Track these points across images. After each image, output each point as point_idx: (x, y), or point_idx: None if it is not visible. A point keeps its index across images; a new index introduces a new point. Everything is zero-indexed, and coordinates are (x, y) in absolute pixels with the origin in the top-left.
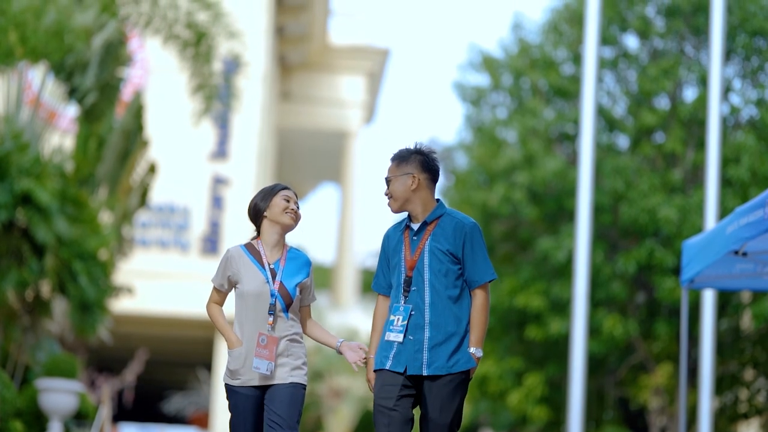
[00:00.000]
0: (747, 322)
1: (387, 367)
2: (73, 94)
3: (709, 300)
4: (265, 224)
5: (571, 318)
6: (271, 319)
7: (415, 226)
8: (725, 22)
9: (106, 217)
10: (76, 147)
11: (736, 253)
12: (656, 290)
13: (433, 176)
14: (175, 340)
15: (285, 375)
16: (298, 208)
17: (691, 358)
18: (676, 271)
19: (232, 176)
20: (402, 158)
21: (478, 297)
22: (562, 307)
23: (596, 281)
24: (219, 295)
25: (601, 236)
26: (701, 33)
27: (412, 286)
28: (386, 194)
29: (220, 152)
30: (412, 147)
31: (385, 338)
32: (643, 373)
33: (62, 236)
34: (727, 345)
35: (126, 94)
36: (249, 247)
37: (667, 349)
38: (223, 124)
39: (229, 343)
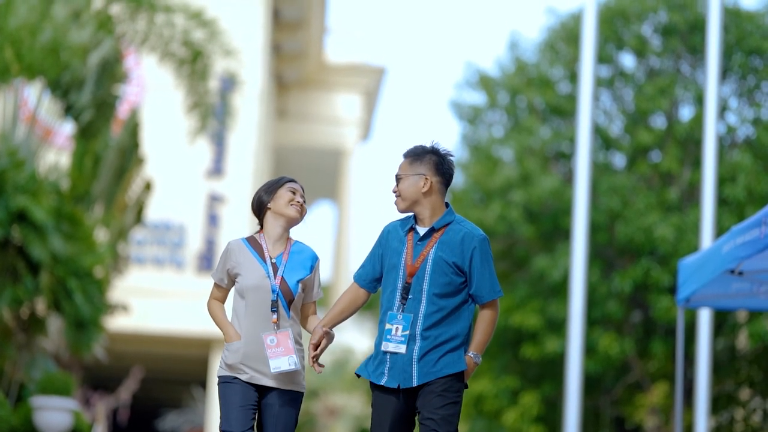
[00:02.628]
0: (743, 341)
1: (382, 383)
2: (69, 111)
3: (705, 319)
4: (269, 217)
5: (567, 337)
6: (275, 317)
7: (422, 231)
8: (721, 41)
9: (101, 235)
10: (72, 164)
11: (732, 272)
12: (652, 309)
13: (447, 180)
14: (171, 358)
15: (285, 379)
16: (304, 201)
17: (687, 378)
18: (672, 290)
19: (228, 194)
20: (416, 156)
21: (486, 312)
22: (558, 326)
23: (592, 300)
24: (219, 291)
25: (597, 255)
26: (698, 52)
27: (409, 293)
28: (394, 192)
29: (216, 170)
30: (427, 145)
31: (383, 349)
32: (639, 392)
33: (57, 254)
34: (723, 364)
35: (122, 111)
36: (251, 240)
37: (663, 368)
38: (219, 142)
39: (226, 337)
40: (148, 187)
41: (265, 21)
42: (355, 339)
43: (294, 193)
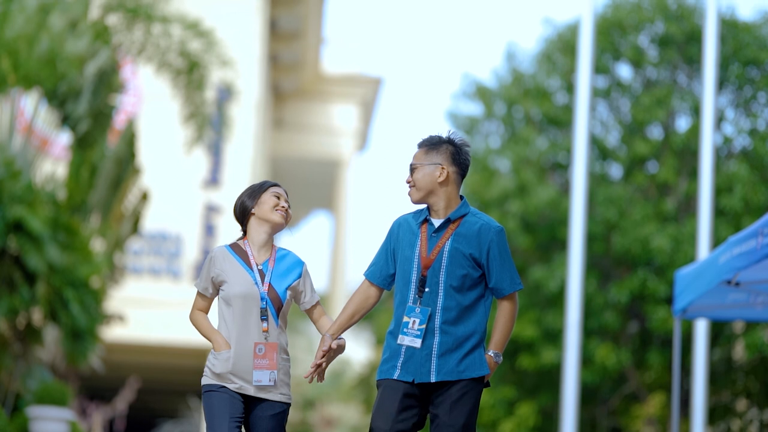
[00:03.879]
0: (740, 352)
1: (395, 377)
2: (65, 121)
3: (701, 330)
4: (253, 223)
5: (564, 347)
6: (265, 325)
7: (436, 222)
8: (718, 52)
9: (98, 245)
10: (69, 174)
11: (729, 282)
12: (649, 320)
13: (463, 171)
14: (167, 368)
15: (273, 391)
16: (288, 206)
17: (684, 388)
18: (669, 300)
19: (225, 204)
20: (432, 146)
21: (506, 307)
22: (555, 337)
23: (589, 311)
24: (203, 300)
25: (593, 266)
26: (694, 63)
27: (426, 286)
28: (408, 182)
29: (213, 180)
30: (444, 135)
31: (398, 342)
32: (636, 403)
33: (54, 264)
34: (719, 375)
35: (119, 121)
36: (234, 248)
37: (659, 378)
38: (215, 152)
39: (215, 345)
40: (144, 197)
41: (262, 31)
42: (352, 349)
43: (278, 198)
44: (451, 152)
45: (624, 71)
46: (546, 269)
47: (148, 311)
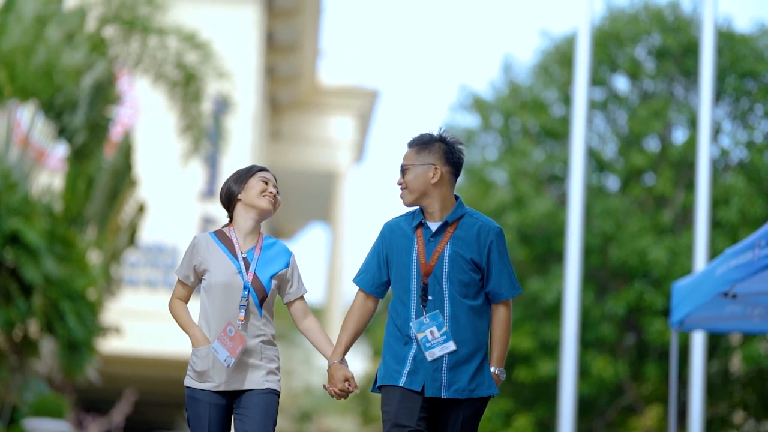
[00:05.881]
0: (737, 364)
1: (401, 384)
2: (62, 133)
3: (698, 342)
4: (239, 209)
5: (561, 359)
6: (242, 314)
7: (433, 226)
8: (715, 64)
9: (94, 257)
10: (65, 186)
11: (726, 295)
12: (646, 332)
13: (456, 170)
14: (164, 380)
15: (260, 380)
16: (277, 191)
17: (681, 401)
18: (666, 312)
19: (222, 216)
20: (423, 145)
21: (502, 312)
22: (552, 349)
23: (586, 323)
24: (184, 289)
25: (590, 278)
26: (691, 75)
27: (429, 295)
28: (399, 184)
29: (210, 192)
30: (435, 133)
31: (429, 358)
32: (633, 415)
33: (50, 276)
34: (716, 387)
35: (115, 133)
36: (219, 234)
37: (656, 391)
38: (212, 164)
39: (193, 341)
40: (141, 209)
41: (259, 43)
42: (350, 363)
43: (266, 183)
44: (443, 151)
45: (621, 83)
46: (543, 281)
47: (144, 323)
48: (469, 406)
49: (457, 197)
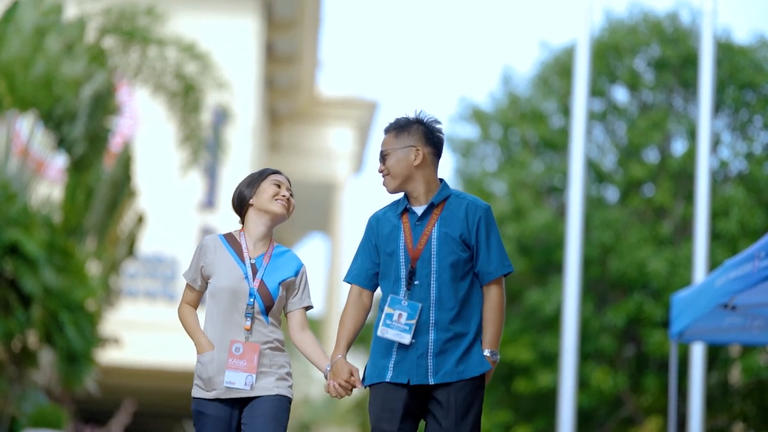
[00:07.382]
0: (736, 376)
1: (387, 380)
2: (61, 144)
3: (698, 354)
4: (251, 214)
5: (560, 371)
6: (248, 323)
7: (419, 210)
8: (714, 76)
9: (93, 268)
10: (65, 197)
11: (725, 306)
12: (645, 344)
13: (438, 151)
14: (163, 391)
15: (270, 386)
16: (291, 195)
17: (680, 412)
18: (665, 324)
19: (221, 227)
20: (401, 128)
21: (493, 292)
22: (551, 360)
23: (585, 334)
24: (192, 293)
25: (589, 289)
26: (690, 86)
27: (415, 279)
28: (381, 171)
29: (209, 203)
30: (411, 116)
31: (379, 334)
32: (632, 427)
33: (49, 286)
34: (716, 399)
35: (114, 144)
36: (229, 238)
37: (656, 402)
38: (211, 175)
39: (198, 347)
40: (140, 220)
41: (259, 54)
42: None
43: (279, 187)
44: (423, 132)
45: (620, 94)
46: (542, 293)
47: (143, 334)
48: (460, 389)
49: (441, 180)
